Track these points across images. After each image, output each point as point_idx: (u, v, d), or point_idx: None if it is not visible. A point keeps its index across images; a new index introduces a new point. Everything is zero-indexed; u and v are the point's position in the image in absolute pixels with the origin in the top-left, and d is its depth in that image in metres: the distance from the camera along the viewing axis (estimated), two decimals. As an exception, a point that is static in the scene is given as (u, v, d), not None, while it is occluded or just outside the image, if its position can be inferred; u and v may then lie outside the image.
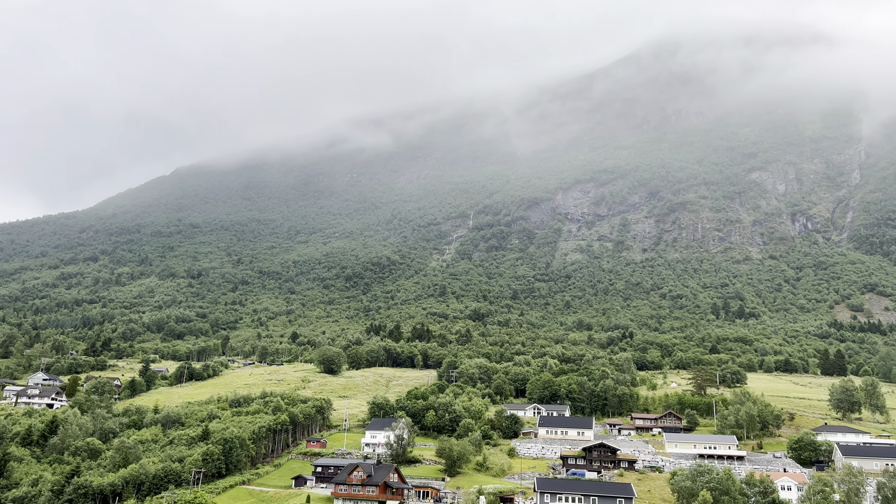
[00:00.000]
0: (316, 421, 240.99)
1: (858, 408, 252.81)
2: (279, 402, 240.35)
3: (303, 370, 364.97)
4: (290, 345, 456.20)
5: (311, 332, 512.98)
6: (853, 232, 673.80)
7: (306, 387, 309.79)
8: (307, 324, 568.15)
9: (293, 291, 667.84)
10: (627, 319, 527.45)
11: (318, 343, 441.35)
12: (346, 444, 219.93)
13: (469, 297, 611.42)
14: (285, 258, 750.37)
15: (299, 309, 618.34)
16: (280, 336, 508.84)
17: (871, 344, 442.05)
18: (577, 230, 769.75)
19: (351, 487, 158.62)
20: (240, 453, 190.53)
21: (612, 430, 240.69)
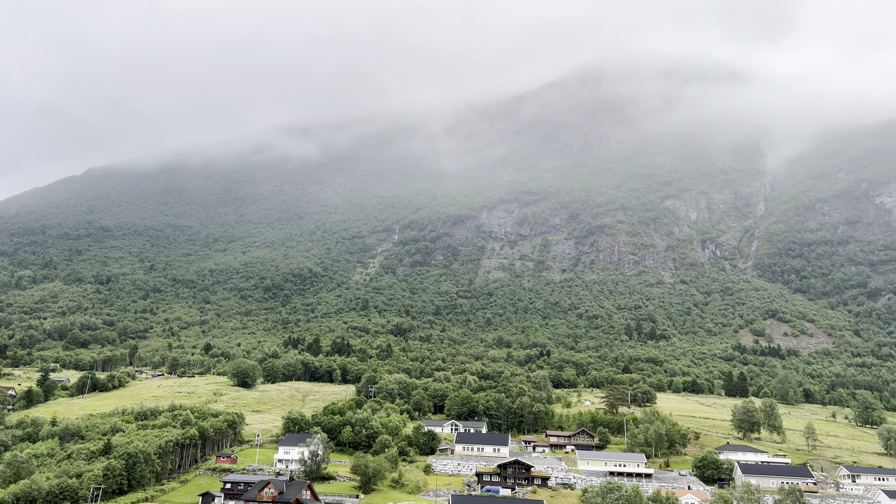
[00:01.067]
0: (227, 436, 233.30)
1: (758, 428, 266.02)
2: (189, 415, 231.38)
3: (215, 383, 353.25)
4: (203, 356, 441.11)
5: (226, 344, 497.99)
6: (757, 260, 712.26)
7: (218, 400, 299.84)
8: (222, 335, 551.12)
9: (208, 301, 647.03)
10: (546, 338, 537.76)
11: (233, 355, 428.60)
12: (259, 459, 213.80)
13: (392, 311, 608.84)
14: (201, 266, 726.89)
15: (214, 319, 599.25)
16: (192, 347, 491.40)
17: (771, 367, 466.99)
18: (500, 249, 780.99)
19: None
20: (144, 469, 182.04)
21: (528, 447, 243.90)
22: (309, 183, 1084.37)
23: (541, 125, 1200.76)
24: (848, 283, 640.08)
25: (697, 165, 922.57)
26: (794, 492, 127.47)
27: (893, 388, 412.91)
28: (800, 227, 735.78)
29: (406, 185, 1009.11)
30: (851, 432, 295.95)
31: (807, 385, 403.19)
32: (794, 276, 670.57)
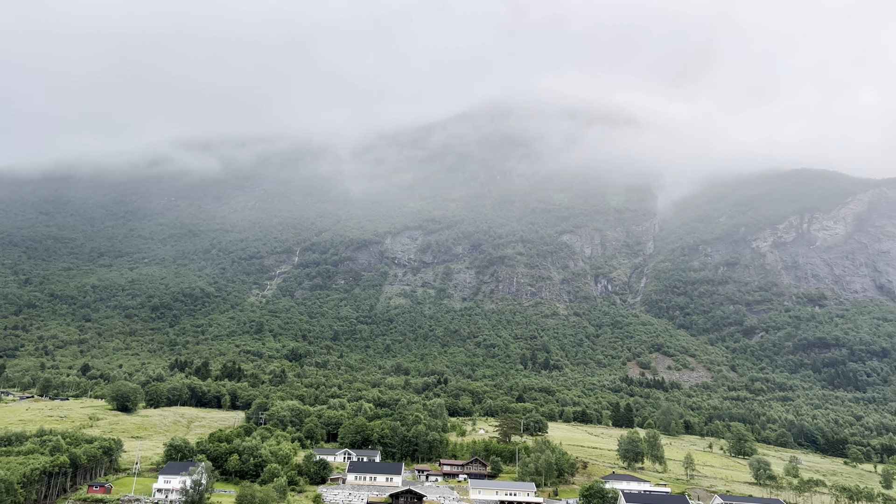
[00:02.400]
0: (102, 463, 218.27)
1: (642, 458, 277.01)
2: (59, 441, 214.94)
3: (92, 406, 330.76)
4: (80, 378, 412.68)
5: (106, 365, 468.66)
6: (645, 296, 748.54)
7: (94, 425, 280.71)
8: (102, 355, 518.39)
9: (89, 319, 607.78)
10: (444, 365, 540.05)
11: (114, 377, 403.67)
12: (136, 489, 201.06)
13: (288, 335, 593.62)
14: (83, 282, 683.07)
15: (94, 339, 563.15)
16: (69, 368, 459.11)
17: (655, 399, 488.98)
18: (402, 275, 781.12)
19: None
20: (5, 499, 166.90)
21: (421, 476, 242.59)
22: (207, 199, 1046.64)
23: (448, 155, 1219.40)
24: (726, 321, 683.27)
25: (594, 203, 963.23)
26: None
27: (763, 421, 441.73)
28: (684, 267, 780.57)
29: (309, 207, 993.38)
30: (726, 462, 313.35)
31: (687, 417, 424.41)
32: (678, 313, 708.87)
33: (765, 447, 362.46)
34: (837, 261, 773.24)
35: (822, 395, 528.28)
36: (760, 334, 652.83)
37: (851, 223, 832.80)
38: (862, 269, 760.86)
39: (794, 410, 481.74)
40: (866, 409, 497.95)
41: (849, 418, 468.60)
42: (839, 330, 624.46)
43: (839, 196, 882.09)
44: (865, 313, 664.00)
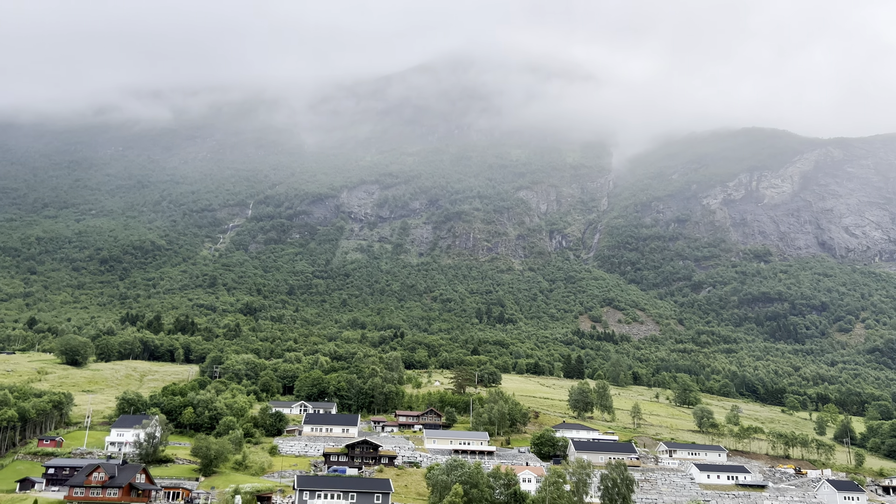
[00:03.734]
0: (52, 417, 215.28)
1: (591, 408, 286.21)
2: (6, 395, 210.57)
3: (40, 360, 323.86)
4: (26, 332, 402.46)
5: (54, 319, 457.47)
6: (598, 252, 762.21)
7: (43, 379, 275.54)
8: (49, 309, 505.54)
9: (34, 272, 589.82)
10: (400, 320, 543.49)
11: (62, 331, 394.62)
12: (88, 443, 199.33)
13: (242, 289, 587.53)
14: (27, 233, 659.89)
15: (41, 292, 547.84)
16: (14, 321, 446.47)
17: (606, 351, 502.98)
18: (359, 230, 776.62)
19: (89, 490, 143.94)
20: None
21: (377, 427, 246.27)
22: (156, 149, 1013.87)
23: (406, 108, 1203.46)
24: (675, 276, 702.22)
25: (550, 160, 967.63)
26: (620, 466, 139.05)
27: (708, 372, 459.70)
28: (637, 223, 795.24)
29: (263, 160, 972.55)
30: (671, 411, 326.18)
31: (636, 368, 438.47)
32: (629, 268, 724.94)
33: (708, 397, 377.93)
34: (783, 218, 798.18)
35: (764, 348, 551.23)
36: (708, 289, 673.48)
37: (798, 181, 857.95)
38: (806, 226, 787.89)
39: (738, 362, 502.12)
40: (804, 361, 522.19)
41: (788, 369, 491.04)
42: (782, 285, 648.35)
43: (787, 155, 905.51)
44: (807, 269, 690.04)
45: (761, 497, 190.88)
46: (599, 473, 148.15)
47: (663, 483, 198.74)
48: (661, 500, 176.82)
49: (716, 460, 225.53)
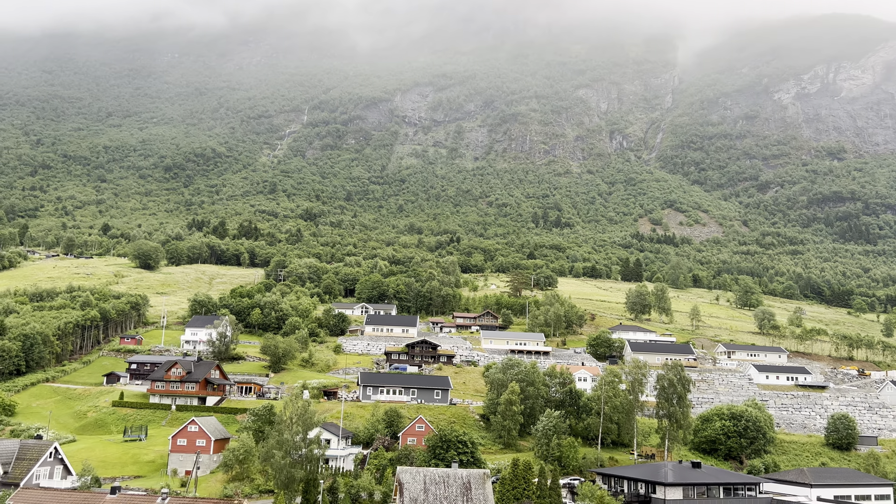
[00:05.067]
0: (131, 318, 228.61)
1: (649, 310, 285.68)
2: (88, 297, 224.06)
3: (116, 264, 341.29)
4: (102, 237, 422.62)
5: (126, 225, 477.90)
6: (661, 152, 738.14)
7: (120, 282, 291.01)
8: (121, 216, 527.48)
9: (104, 180, 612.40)
10: (456, 225, 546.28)
11: (133, 237, 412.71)
12: (165, 341, 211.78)
13: (301, 196, 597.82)
14: (95, 142, 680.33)
15: (111, 199, 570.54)
16: (89, 227, 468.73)
17: (665, 254, 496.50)
18: (413, 134, 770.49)
19: (169, 384, 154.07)
20: (42, 350, 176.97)
21: (435, 328, 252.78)
22: (211, 56, 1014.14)
23: (461, 3, 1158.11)
24: (741, 176, 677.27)
25: (611, 55, 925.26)
26: (676, 366, 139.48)
27: (772, 274, 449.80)
28: (702, 121, 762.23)
29: (316, 63, 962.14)
30: (732, 314, 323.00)
31: (696, 271, 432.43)
32: (693, 168, 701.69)
33: (771, 299, 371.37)
34: (861, 112, 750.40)
35: (833, 249, 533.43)
36: (775, 189, 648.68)
37: (880, 72, 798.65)
38: (886, 120, 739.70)
39: (803, 264, 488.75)
40: (875, 262, 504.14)
41: (857, 270, 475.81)
42: (856, 184, 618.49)
43: (870, 43, 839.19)
44: (885, 166, 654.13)
45: (821, 397, 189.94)
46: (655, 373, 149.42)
47: (720, 383, 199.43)
48: (717, 400, 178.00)
49: (775, 361, 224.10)
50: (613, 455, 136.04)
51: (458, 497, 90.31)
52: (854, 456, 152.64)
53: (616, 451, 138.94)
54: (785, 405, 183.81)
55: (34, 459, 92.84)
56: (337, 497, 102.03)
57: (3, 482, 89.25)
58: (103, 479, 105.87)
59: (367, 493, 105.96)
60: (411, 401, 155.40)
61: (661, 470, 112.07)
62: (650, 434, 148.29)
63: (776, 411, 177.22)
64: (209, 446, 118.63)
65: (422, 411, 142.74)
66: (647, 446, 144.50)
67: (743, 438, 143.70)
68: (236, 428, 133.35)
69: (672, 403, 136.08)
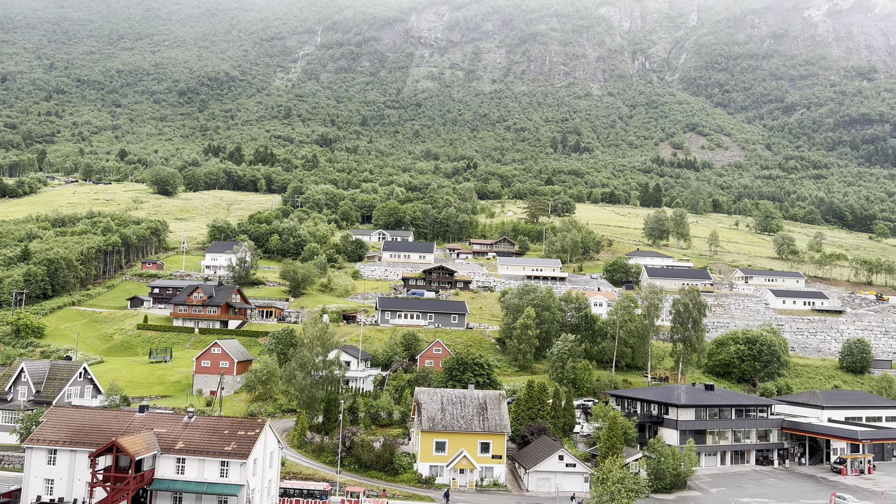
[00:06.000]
0: (151, 243, 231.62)
1: (667, 235, 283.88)
2: (109, 222, 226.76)
3: (134, 190, 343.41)
4: (119, 163, 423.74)
5: (142, 151, 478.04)
6: (684, 73, 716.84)
7: (139, 208, 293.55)
8: (137, 141, 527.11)
9: (119, 105, 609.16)
10: (473, 150, 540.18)
11: (151, 162, 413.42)
12: (185, 266, 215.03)
13: (316, 120, 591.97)
14: (107, 66, 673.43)
15: (127, 124, 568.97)
16: (106, 153, 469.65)
17: (686, 179, 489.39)
18: (429, 56, 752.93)
19: (191, 308, 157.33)
20: (67, 274, 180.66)
21: (452, 255, 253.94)
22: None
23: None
24: (766, 98, 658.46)
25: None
26: (692, 291, 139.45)
27: (793, 199, 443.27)
28: (728, 40, 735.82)
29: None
30: (751, 239, 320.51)
31: (717, 196, 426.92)
32: (717, 90, 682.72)
33: (791, 224, 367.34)
34: (894, 29, 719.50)
35: (857, 173, 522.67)
36: (801, 111, 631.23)
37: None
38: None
39: (826, 188, 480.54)
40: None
41: (881, 195, 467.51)
42: (885, 105, 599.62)
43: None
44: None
45: (837, 322, 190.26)
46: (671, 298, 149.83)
47: (737, 308, 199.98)
48: (733, 324, 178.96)
49: (793, 286, 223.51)
50: (627, 378, 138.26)
51: (474, 416, 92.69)
52: (867, 379, 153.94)
53: (630, 374, 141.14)
54: (800, 329, 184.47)
55: (65, 379, 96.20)
56: (357, 416, 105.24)
57: (36, 400, 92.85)
58: (132, 399, 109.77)
59: (387, 413, 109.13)
60: (428, 325, 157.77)
61: (674, 392, 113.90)
62: (664, 358, 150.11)
63: (791, 335, 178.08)
64: (232, 368, 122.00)
65: (439, 335, 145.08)
66: (661, 369, 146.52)
67: (757, 362, 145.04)
68: (258, 350, 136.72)
69: (687, 328, 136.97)
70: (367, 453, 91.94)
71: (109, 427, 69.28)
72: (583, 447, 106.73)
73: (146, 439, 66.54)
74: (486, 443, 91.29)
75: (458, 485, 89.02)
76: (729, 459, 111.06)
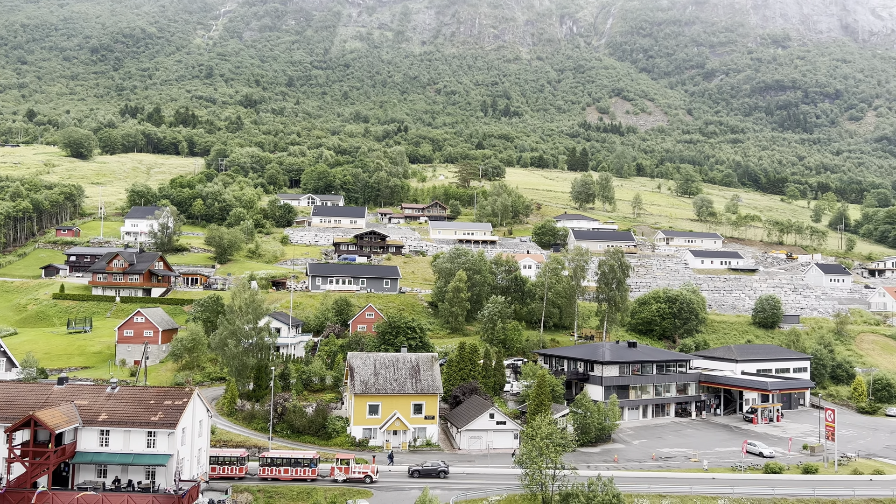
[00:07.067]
0: (66, 209, 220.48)
1: (593, 199, 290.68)
2: (18, 187, 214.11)
3: (45, 153, 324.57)
4: (27, 124, 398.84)
5: (53, 111, 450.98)
6: (610, 38, 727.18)
7: (51, 171, 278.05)
8: (46, 101, 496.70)
9: (24, 62, 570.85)
10: (404, 113, 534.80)
11: (62, 123, 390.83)
12: (104, 233, 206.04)
13: (240, 81, 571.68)
14: (10, 19, 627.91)
15: (35, 83, 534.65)
16: (13, 114, 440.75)
17: (611, 143, 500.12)
18: (357, 15, 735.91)
19: (112, 276, 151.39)
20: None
21: (384, 219, 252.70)
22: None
23: None
24: (688, 64, 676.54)
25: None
26: (616, 252, 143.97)
27: (712, 163, 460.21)
28: (652, 6, 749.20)
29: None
30: (672, 202, 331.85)
31: (640, 160, 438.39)
32: (641, 56, 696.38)
33: (710, 187, 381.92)
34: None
35: (772, 138, 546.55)
36: (720, 77, 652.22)
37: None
38: (831, 7, 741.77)
39: (743, 152, 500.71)
40: (810, 150, 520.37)
41: (792, 159, 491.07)
42: (798, 72, 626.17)
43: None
44: (826, 55, 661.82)
45: (751, 280, 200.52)
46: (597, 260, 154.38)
47: (658, 268, 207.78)
48: (655, 284, 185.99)
49: (711, 247, 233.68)
50: (555, 337, 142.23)
51: (407, 379, 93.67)
52: (778, 333, 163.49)
53: (558, 334, 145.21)
54: (717, 288, 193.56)
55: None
56: (289, 382, 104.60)
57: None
58: (49, 371, 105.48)
59: (319, 378, 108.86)
60: (361, 290, 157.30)
61: (599, 350, 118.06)
62: (590, 317, 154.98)
63: (709, 294, 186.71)
64: (157, 336, 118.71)
65: (371, 300, 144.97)
66: (587, 328, 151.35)
67: (677, 319, 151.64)
68: (184, 318, 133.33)
69: (612, 288, 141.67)
70: (299, 419, 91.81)
71: (26, 401, 66.55)
72: (513, 405, 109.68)
73: (66, 412, 64.32)
74: (419, 404, 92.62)
75: (392, 446, 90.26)
76: (650, 412, 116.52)
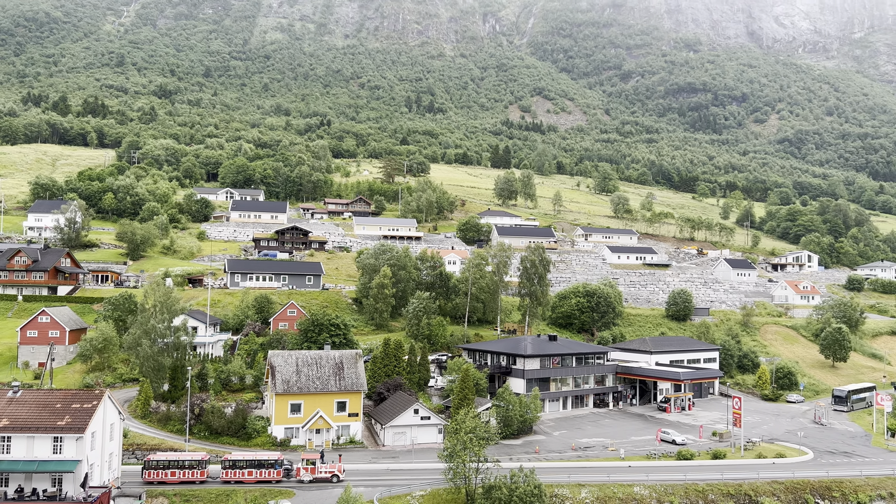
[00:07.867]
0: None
1: (516, 196, 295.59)
2: None
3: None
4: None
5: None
6: (532, 38, 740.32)
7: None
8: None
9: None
10: (326, 107, 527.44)
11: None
12: (4, 227, 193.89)
13: (154, 70, 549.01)
14: None
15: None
16: None
17: (533, 141, 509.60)
18: (277, 6, 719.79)
19: (13, 273, 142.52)
20: None
21: (306, 214, 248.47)
22: None
23: None
24: (606, 65, 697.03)
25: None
26: (538, 248, 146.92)
27: (628, 162, 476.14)
28: (572, 7, 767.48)
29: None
30: (591, 199, 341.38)
31: (561, 158, 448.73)
32: (562, 56, 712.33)
33: (627, 185, 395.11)
34: (716, 5, 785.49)
35: (684, 138, 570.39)
36: (636, 79, 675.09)
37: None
38: (738, 14, 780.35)
39: (657, 152, 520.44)
40: (719, 150, 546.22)
41: (703, 158, 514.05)
42: (708, 75, 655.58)
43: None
44: (734, 59, 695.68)
45: (664, 274, 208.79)
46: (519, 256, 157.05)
47: (577, 263, 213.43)
48: (574, 279, 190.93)
49: (627, 243, 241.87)
50: (479, 332, 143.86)
51: (330, 377, 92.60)
52: (689, 325, 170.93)
53: (482, 328, 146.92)
54: (633, 282, 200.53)
55: None
56: (206, 382, 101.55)
57: None
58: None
59: (238, 378, 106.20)
60: (282, 287, 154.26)
61: (521, 343, 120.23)
62: (513, 311, 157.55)
63: (625, 288, 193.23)
64: (64, 337, 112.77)
65: (293, 297, 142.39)
66: (509, 322, 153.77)
67: (595, 313, 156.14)
68: (94, 318, 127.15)
69: (533, 283, 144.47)
70: (217, 419, 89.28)
71: (-84, 409, 61.89)
72: (437, 400, 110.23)
73: (-38, 420, 60.22)
74: (343, 402, 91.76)
75: (315, 444, 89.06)
76: (570, 404, 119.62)
